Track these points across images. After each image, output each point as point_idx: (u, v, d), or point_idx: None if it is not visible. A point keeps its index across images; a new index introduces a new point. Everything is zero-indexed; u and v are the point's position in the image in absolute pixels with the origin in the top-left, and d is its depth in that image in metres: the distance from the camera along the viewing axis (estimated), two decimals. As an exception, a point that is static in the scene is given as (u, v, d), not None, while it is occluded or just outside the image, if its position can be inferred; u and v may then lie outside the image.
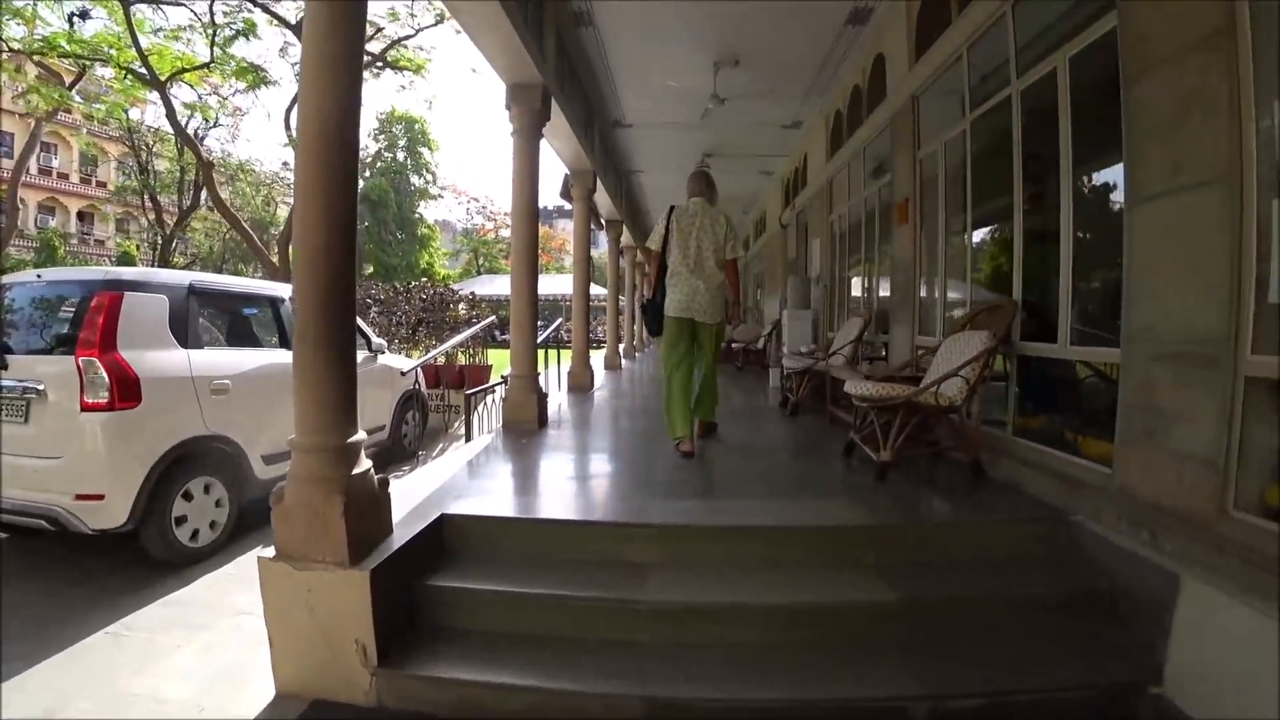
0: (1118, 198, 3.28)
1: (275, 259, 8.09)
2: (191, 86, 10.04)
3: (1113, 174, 3.34)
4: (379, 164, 32.99)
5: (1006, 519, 3.02)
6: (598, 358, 13.07)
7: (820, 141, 8.03)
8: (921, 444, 3.92)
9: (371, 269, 31.38)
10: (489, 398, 5.93)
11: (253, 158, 26.90)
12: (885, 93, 5.74)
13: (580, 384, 8.07)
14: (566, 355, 8.59)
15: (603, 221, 11.43)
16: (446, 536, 2.76)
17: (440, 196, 36.04)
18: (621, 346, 14.41)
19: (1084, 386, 3.49)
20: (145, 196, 22.28)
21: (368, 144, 33.15)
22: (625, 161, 10.59)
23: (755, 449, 4.70)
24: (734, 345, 11.32)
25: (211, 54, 8.36)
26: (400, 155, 33.87)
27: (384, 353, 6.32)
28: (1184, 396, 2.55)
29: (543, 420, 5.34)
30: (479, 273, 37.49)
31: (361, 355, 5.94)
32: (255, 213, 28.18)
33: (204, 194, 24.15)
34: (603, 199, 9.81)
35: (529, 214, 5.21)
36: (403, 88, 9.05)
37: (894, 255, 5.50)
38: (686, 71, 6.79)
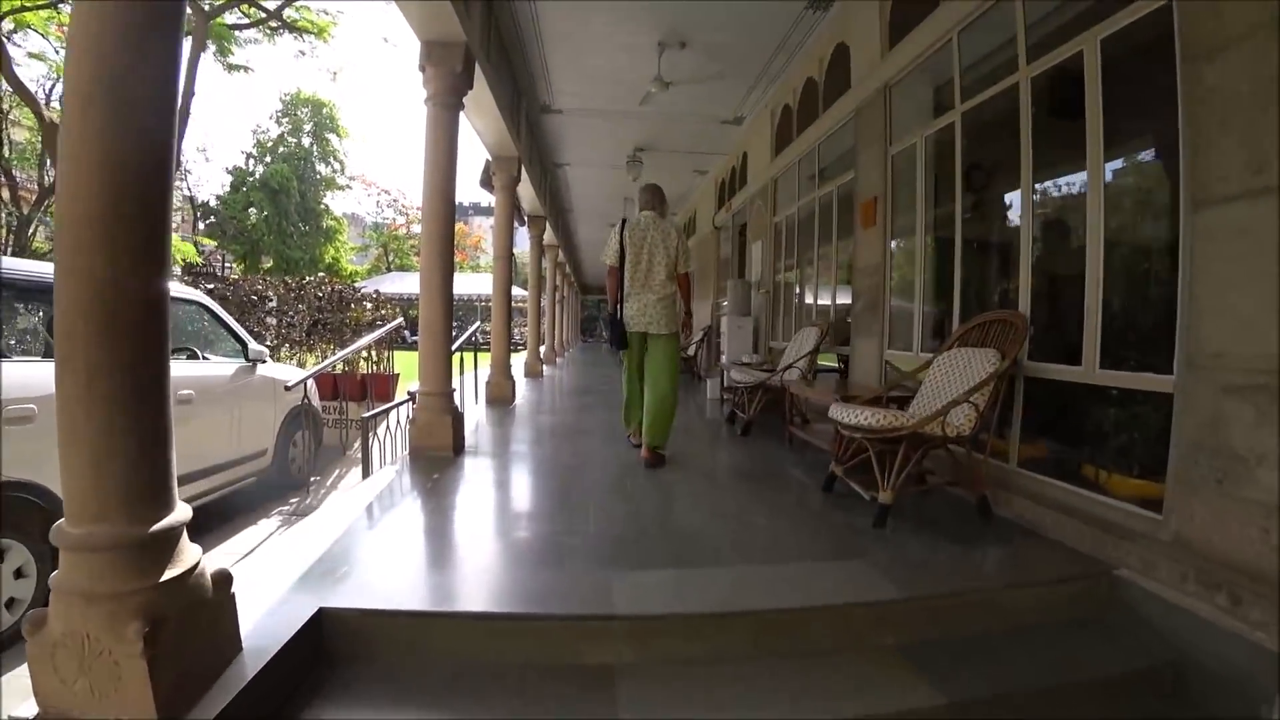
0: (1162, 198, 2.90)
1: None
2: (39, 32, 8.38)
3: (1155, 169, 2.95)
4: (281, 149, 30.37)
5: (1050, 580, 2.50)
6: (518, 363, 12.19)
7: (764, 138, 7.56)
8: (912, 478, 3.41)
9: (271, 263, 28.82)
10: (393, 416, 5.02)
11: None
12: (847, 84, 5.28)
13: (501, 396, 7.24)
14: (485, 359, 7.71)
15: (525, 216, 10.59)
16: (329, 641, 1.92)
17: (349, 187, 33.66)
18: (543, 350, 13.58)
19: (1104, 414, 3.07)
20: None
21: (269, 127, 30.51)
22: (552, 152, 9.80)
23: (718, 480, 4.04)
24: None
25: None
26: (306, 141, 31.32)
27: (265, 361, 5.28)
28: (1267, 437, 2.10)
29: (459, 446, 4.51)
30: (389, 269, 35.41)
31: (234, 366, 4.94)
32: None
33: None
34: (526, 191, 8.99)
35: (444, 196, 4.36)
36: (301, 54, 7.87)
37: (858, 260, 5.03)
38: (628, 51, 6.12)
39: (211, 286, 7.90)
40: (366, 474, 4.13)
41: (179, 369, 4.31)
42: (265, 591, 2.03)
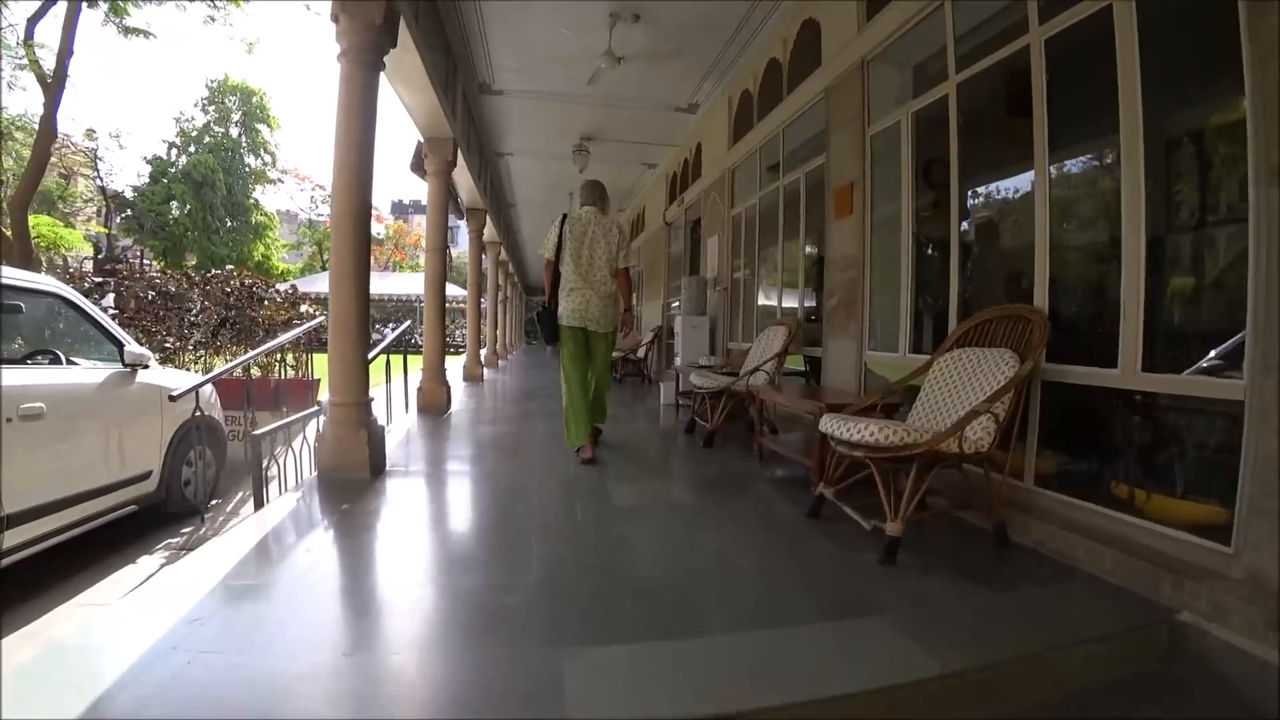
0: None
1: (8, 230, 5.76)
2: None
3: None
4: (207, 138, 28.36)
5: (1104, 636, 2.04)
6: (456, 366, 11.41)
7: (722, 126, 7.08)
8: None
9: (195, 260, 26.86)
10: (308, 428, 4.29)
11: (27, 112, 21.81)
12: (816, 63, 4.83)
13: (434, 403, 6.52)
14: (418, 362, 6.98)
15: (463, 209, 9.86)
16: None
17: (280, 181, 31.78)
18: (483, 353, 12.82)
19: (1143, 425, 2.66)
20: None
21: (193, 115, 28.48)
22: (492, 138, 9.10)
23: (683, 506, 3.45)
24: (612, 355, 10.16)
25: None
26: (234, 131, 29.35)
27: (148, 365, 4.45)
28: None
29: (377, 465, 3.82)
30: (323, 268, 33.60)
31: (105, 371, 4.13)
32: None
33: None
34: (464, 179, 8.28)
35: (357, 171, 3.68)
36: (210, 19, 6.95)
37: (831, 253, 4.58)
38: (575, 23, 5.53)
39: (99, 280, 6.90)
40: (259, 503, 3.40)
41: (23, 376, 3.50)
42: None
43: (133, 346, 4.34)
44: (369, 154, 3.73)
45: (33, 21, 6.50)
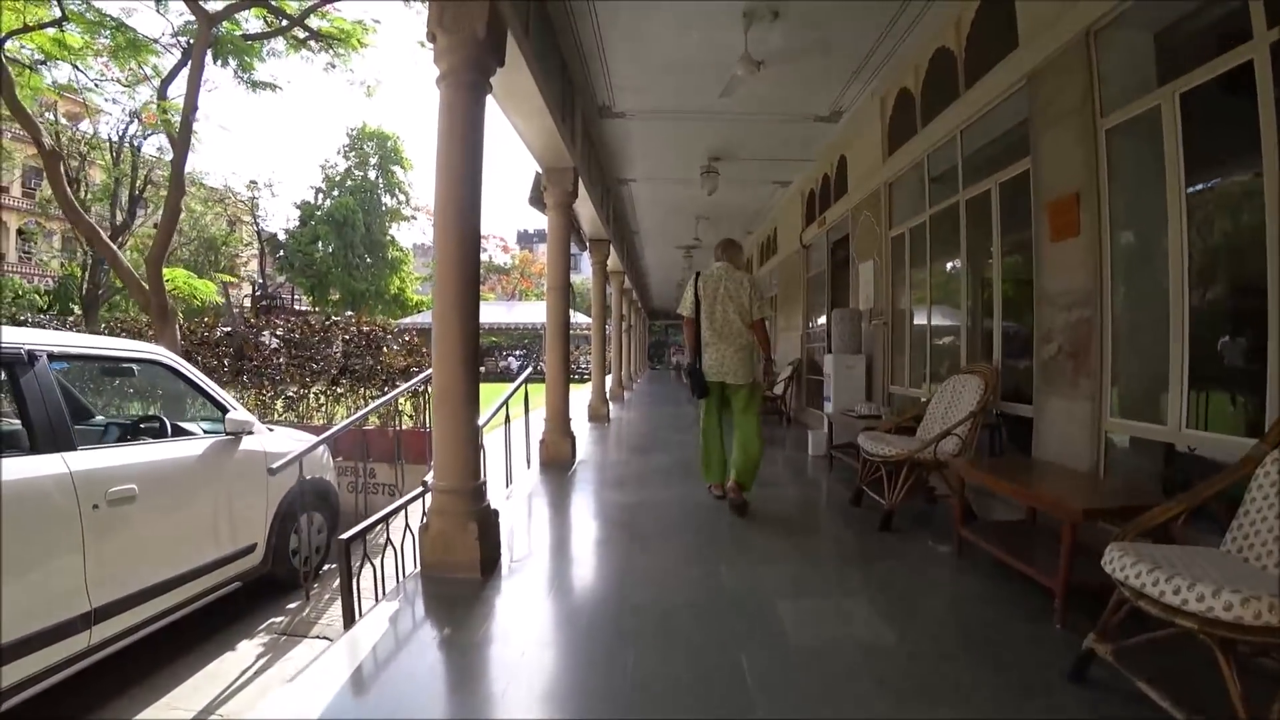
0: None
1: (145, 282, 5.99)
2: (74, 65, 7.89)
3: None
4: (349, 182, 30.75)
5: None
6: (580, 400, 11.01)
7: (872, 134, 6.13)
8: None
9: (338, 295, 29.01)
10: (395, 522, 3.77)
11: (199, 169, 24.49)
12: (1003, 47, 3.85)
13: (558, 457, 6.02)
14: (541, 394, 6.46)
15: (586, 240, 9.47)
16: None
17: (414, 218, 33.78)
18: (609, 386, 12.40)
19: None
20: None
21: (336, 162, 31.00)
22: (614, 165, 8.63)
23: (891, 653, 2.51)
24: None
25: (63, 8, 6.25)
26: (372, 174, 31.66)
27: (251, 431, 4.20)
28: None
29: (489, 562, 3.25)
30: (453, 300, 35.24)
31: (205, 442, 3.88)
32: (203, 232, 25.75)
33: (147, 210, 21.93)
34: (586, 211, 7.84)
35: (461, 209, 3.16)
36: (331, 66, 7.04)
37: (1046, 285, 3.54)
38: (705, 24, 4.86)
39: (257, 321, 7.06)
40: (350, 619, 2.90)
41: (113, 456, 3.22)
42: None
43: (236, 413, 4.09)
44: (475, 187, 3.21)
45: (165, 82, 6.81)
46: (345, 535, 2.86)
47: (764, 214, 11.31)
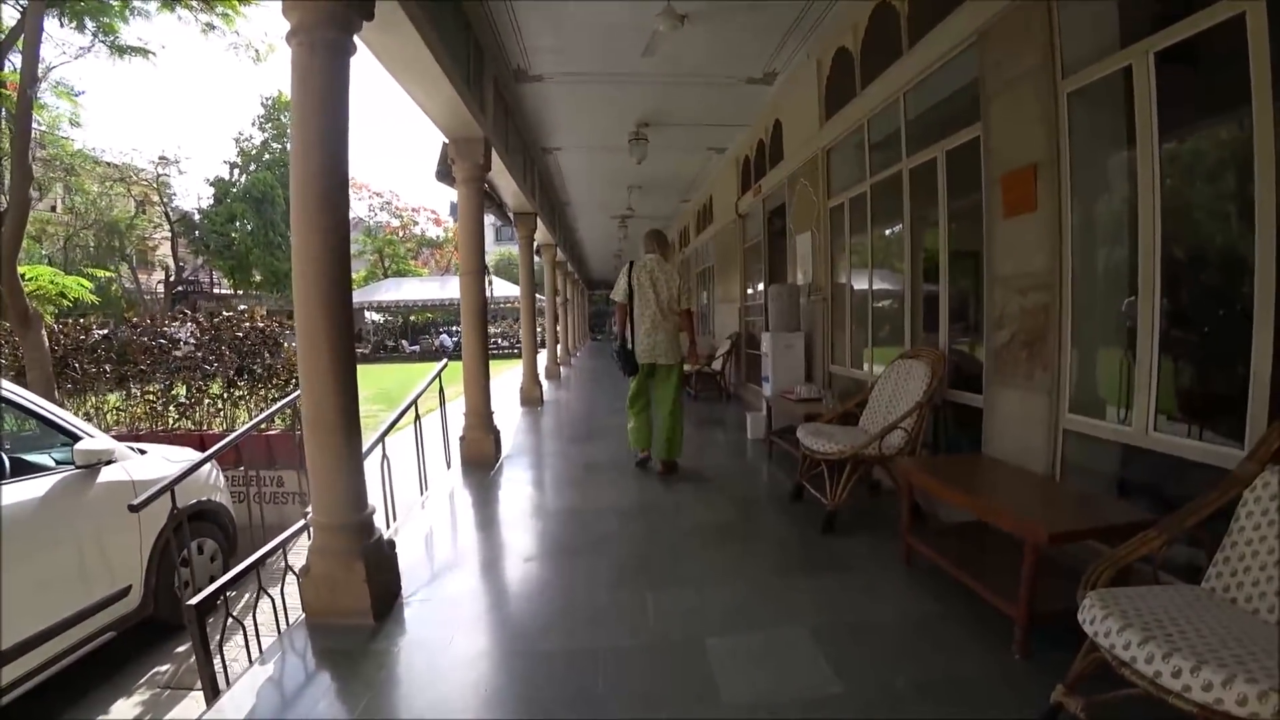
0: None
1: None
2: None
3: None
4: (266, 156, 28.56)
5: None
6: (510, 384, 10.45)
7: (809, 98, 5.73)
8: None
9: (260, 277, 27.14)
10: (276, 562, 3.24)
11: (94, 146, 22.26)
12: (950, 2, 3.47)
13: (480, 455, 5.53)
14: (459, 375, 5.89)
15: (510, 214, 8.84)
16: None
17: (341, 191, 31.76)
18: (544, 366, 11.89)
19: None
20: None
21: (251, 134, 28.77)
22: (536, 133, 7.99)
23: (842, 703, 2.23)
24: (685, 369, 8.96)
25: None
26: (290, 146, 29.47)
27: (111, 460, 3.57)
28: None
29: (381, 605, 2.78)
30: (385, 275, 33.70)
31: (48, 481, 3.27)
32: (102, 215, 23.60)
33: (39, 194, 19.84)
34: (506, 183, 7.24)
35: (324, 192, 2.59)
36: (209, 27, 6.12)
37: (998, 267, 3.23)
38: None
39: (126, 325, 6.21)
40: (212, 693, 2.38)
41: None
42: None
43: (90, 441, 3.47)
44: (338, 176, 2.66)
45: (1, 51, 5.77)
46: (194, 599, 2.33)
47: (699, 182, 10.86)
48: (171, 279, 27.41)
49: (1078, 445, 2.83)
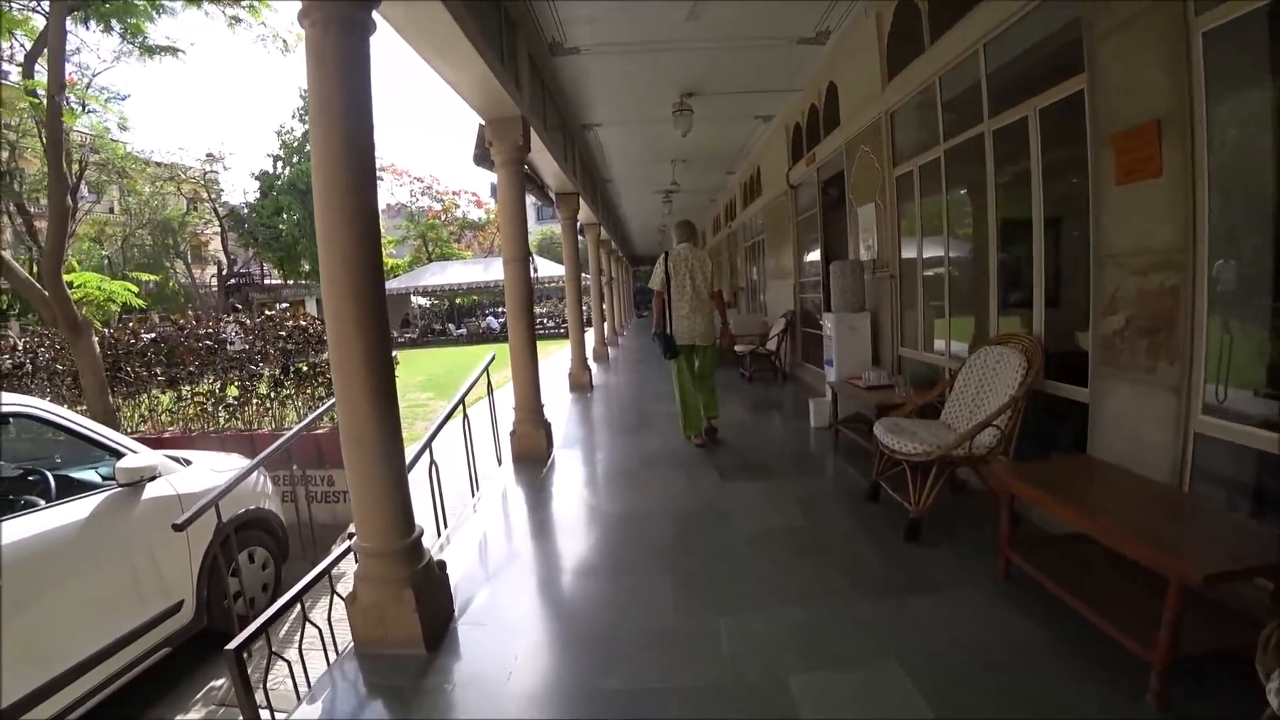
0: None
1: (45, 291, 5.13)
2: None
3: None
4: (307, 147, 28.86)
5: None
6: (558, 368, 10.27)
7: (869, 56, 5.24)
8: None
9: (307, 266, 27.61)
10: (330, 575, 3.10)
11: (142, 148, 22.80)
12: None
13: (532, 450, 5.35)
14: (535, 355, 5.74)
15: (552, 195, 8.58)
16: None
17: (380, 179, 31.95)
18: (592, 347, 11.70)
19: None
20: (7, 204, 18.46)
21: (293, 126, 29.12)
22: (575, 109, 7.66)
23: None
24: (738, 349, 8.64)
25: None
26: (309, 140, 29.63)
27: (155, 476, 3.50)
28: None
29: (434, 633, 2.61)
30: (429, 260, 33.95)
31: (93, 500, 3.20)
32: (155, 214, 24.30)
33: (90, 194, 20.51)
34: (546, 163, 6.96)
35: (349, 185, 2.35)
36: (235, 20, 5.98)
37: (1108, 242, 2.80)
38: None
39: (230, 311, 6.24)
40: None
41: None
42: None
43: (131, 459, 3.38)
44: (364, 168, 2.42)
45: (30, 58, 5.72)
46: (232, 644, 2.18)
47: (746, 153, 10.37)
48: (224, 273, 28.18)
49: (1211, 451, 2.43)
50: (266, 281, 30.89)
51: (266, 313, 5.85)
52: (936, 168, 4.41)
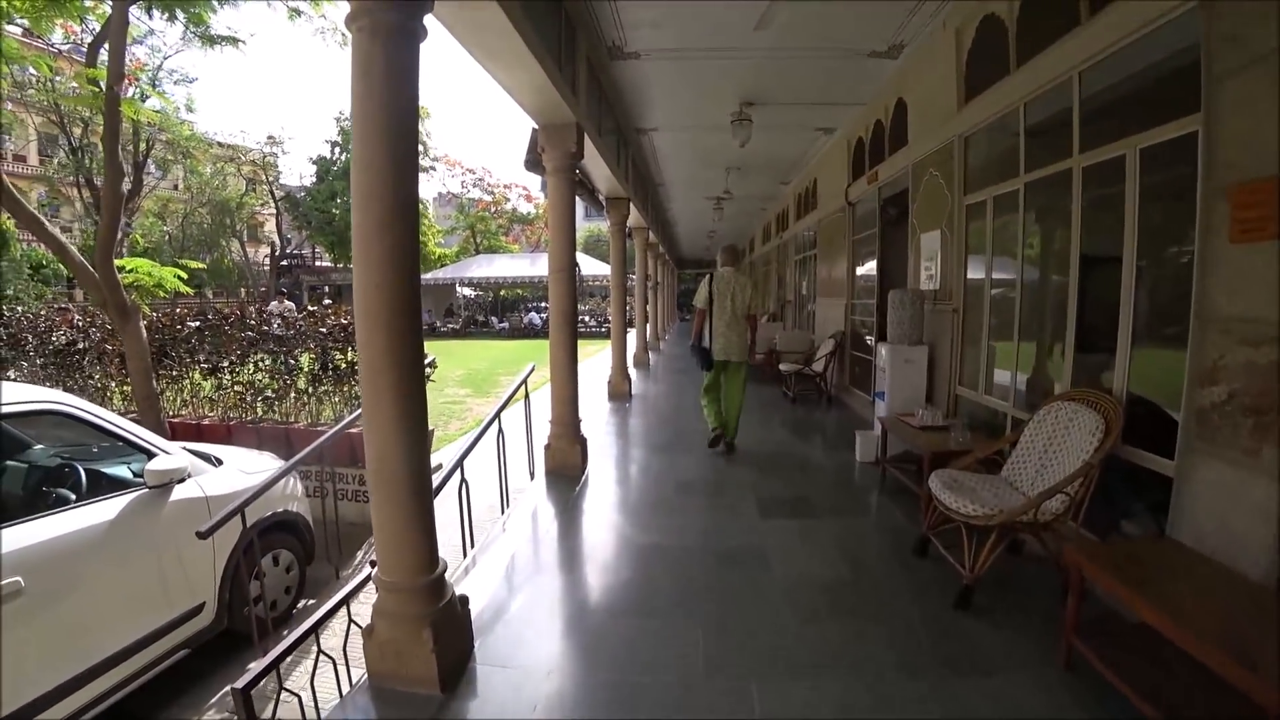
0: None
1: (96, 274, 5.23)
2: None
3: None
4: (363, 135, 29.51)
5: None
6: (597, 373, 10.16)
7: (945, 72, 4.95)
8: None
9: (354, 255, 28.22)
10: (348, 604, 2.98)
11: (206, 130, 23.52)
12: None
13: (566, 465, 5.22)
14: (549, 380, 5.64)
15: (601, 199, 8.45)
16: None
17: (433, 169, 32.46)
18: (632, 352, 11.56)
19: None
20: (79, 179, 19.27)
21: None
22: (630, 113, 7.51)
23: None
24: (783, 368, 8.38)
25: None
26: (351, 156, 30.18)
27: (184, 477, 3.47)
28: None
29: (451, 673, 2.49)
30: (477, 251, 34.31)
31: (120, 501, 3.19)
32: (215, 194, 25.11)
33: (156, 171, 21.20)
34: (599, 169, 6.82)
35: (387, 201, 2.23)
36: (296, 13, 6.01)
37: (1215, 305, 2.50)
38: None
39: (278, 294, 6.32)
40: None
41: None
42: None
43: (161, 461, 3.35)
44: (406, 185, 2.30)
45: (95, 46, 5.79)
46: (241, 683, 2.08)
47: (802, 164, 10.07)
48: (276, 254, 28.96)
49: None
50: (318, 264, 31.65)
51: (310, 309, 5.84)
52: (1014, 200, 4.12)
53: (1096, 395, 3.11)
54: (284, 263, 29.82)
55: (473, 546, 3.85)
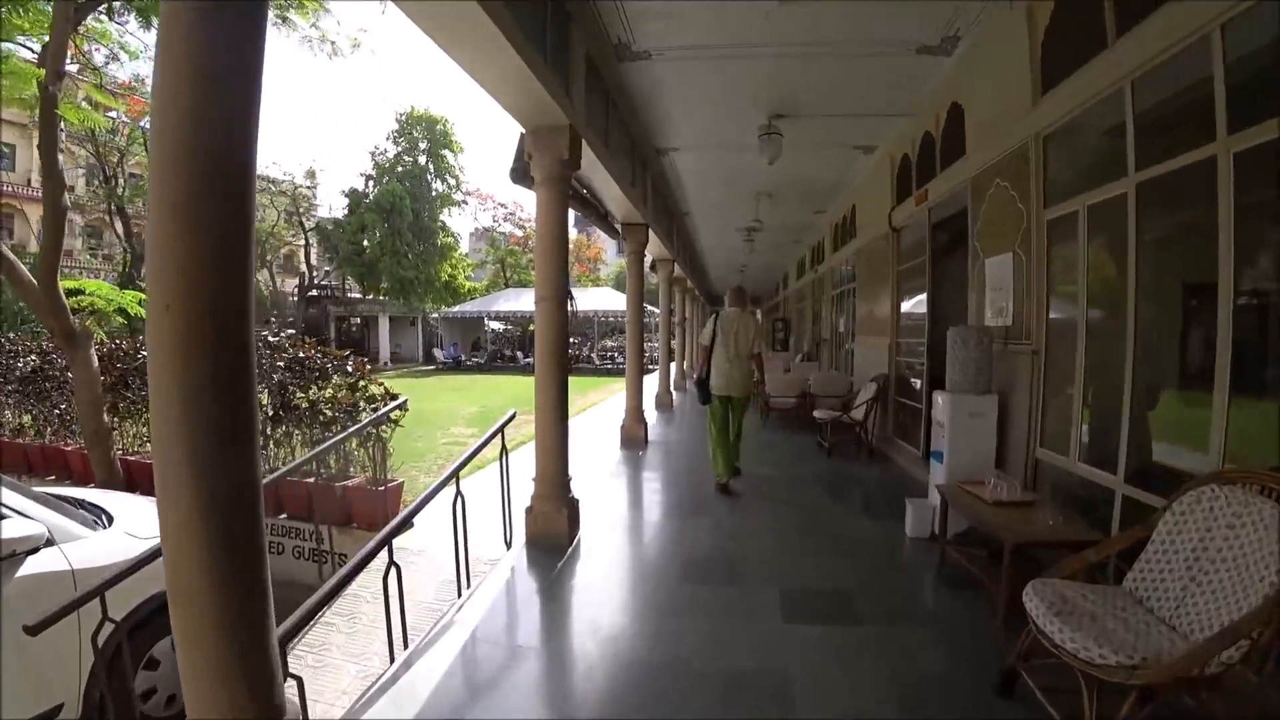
0: None
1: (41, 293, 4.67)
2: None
3: None
4: (399, 168, 29.83)
5: None
6: (610, 410, 9.23)
7: (1015, 63, 4.06)
8: None
9: (385, 284, 28.20)
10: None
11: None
12: None
13: (550, 533, 4.28)
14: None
15: (617, 226, 7.68)
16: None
17: (465, 203, 32.66)
18: (654, 394, 10.67)
19: None
20: (111, 207, 19.52)
21: (386, 148, 30.18)
22: (647, 129, 6.75)
23: None
24: (817, 416, 7.39)
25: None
26: (421, 159, 30.51)
27: (37, 548, 2.70)
28: None
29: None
30: (506, 285, 34.15)
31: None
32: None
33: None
34: (608, 188, 6.05)
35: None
36: (281, 20, 5.46)
37: None
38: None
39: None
40: None
41: None
42: None
43: (11, 526, 2.57)
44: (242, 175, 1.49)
45: (60, 51, 5.31)
46: None
47: (839, 189, 9.19)
48: (304, 284, 29.14)
49: None
50: (347, 295, 31.80)
51: (268, 338, 5.12)
52: (1120, 208, 3.14)
53: (1263, 473, 2.10)
54: (313, 293, 30.00)
55: (406, 646, 2.96)
